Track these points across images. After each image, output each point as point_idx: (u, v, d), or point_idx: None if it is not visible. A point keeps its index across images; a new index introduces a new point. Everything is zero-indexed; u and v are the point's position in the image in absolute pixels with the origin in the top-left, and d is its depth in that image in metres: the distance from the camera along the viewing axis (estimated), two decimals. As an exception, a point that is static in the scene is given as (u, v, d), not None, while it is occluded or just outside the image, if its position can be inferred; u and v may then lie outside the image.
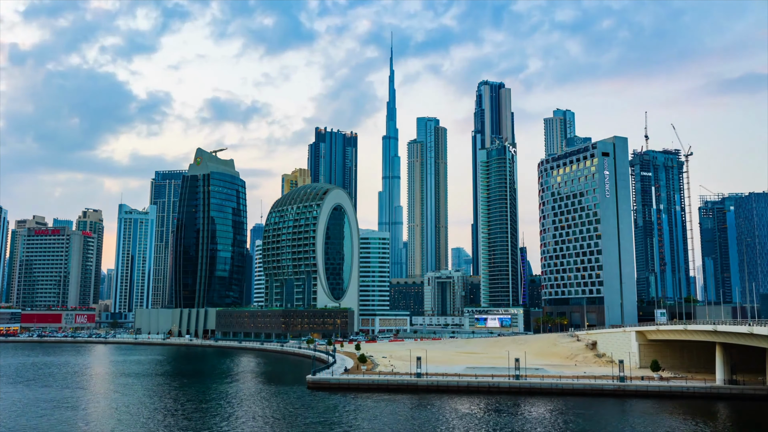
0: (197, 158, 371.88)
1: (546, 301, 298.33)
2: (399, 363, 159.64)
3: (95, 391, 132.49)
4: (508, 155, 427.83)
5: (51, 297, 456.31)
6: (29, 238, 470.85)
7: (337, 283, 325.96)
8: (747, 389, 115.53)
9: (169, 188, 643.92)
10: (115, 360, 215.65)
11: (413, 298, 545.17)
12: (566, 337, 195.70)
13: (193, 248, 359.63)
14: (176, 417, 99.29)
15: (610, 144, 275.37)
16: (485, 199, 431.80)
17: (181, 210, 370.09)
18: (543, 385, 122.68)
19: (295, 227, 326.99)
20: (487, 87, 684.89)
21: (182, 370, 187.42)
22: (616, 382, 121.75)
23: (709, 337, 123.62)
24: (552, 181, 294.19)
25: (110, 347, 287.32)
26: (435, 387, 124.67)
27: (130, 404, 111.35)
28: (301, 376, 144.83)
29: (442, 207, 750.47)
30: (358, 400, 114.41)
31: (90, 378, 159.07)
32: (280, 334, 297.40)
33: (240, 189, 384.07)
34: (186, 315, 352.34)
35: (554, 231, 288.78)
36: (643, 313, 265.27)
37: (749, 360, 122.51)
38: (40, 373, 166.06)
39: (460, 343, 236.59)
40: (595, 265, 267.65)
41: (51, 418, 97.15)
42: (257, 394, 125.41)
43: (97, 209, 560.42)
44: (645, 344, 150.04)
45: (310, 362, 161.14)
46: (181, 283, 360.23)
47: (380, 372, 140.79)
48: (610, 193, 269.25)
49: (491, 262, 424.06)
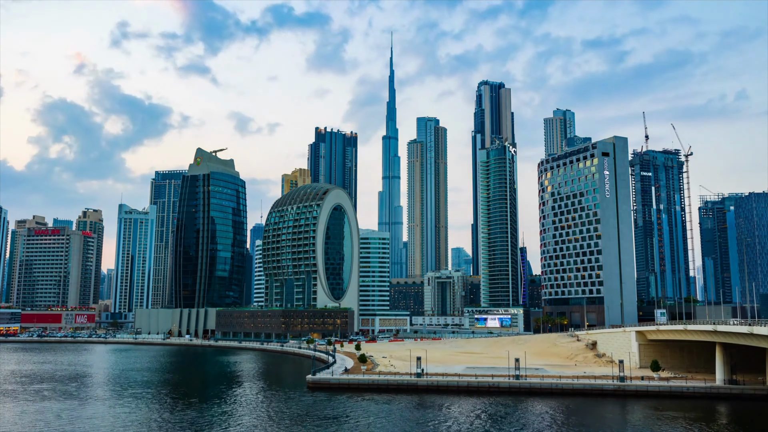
0: (197, 158, 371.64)
1: (546, 301, 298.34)
2: (399, 363, 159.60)
3: (94, 392, 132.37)
4: (508, 155, 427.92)
5: (51, 297, 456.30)
6: (29, 238, 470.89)
7: (337, 283, 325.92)
8: (747, 389, 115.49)
9: (169, 188, 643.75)
10: (115, 360, 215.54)
11: (413, 298, 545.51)
12: (566, 337, 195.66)
13: (193, 248, 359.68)
14: (176, 417, 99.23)
15: (610, 144, 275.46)
16: (485, 199, 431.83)
17: (181, 210, 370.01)
18: (543, 385, 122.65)
19: (295, 227, 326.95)
20: (487, 87, 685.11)
21: (182, 370, 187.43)
22: (616, 382, 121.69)
23: (709, 337, 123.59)
24: (552, 181, 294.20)
25: (110, 347, 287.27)
26: (435, 387, 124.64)
27: (129, 403, 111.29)
28: (301, 376, 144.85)
29: (442, 207, 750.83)
30: (358, 400, 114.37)
31: (89, 379, 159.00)
32: (280, 334, 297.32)
33: (240, 189, 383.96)
34: (186, 315, 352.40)
35: (554, 231, 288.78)
36: (643, 313, 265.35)
37: (749, 360, 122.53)
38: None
39: (460, 343, 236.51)
40: (595, 265, 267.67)
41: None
42: (257, 394, 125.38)
43: (97, 209, 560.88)
44: (645, 344, 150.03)
45: (310, 362, 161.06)
46: (181, 283, 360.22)
47: (380, 372, 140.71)
48: (610, 193, 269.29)
49: (491, 262, 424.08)
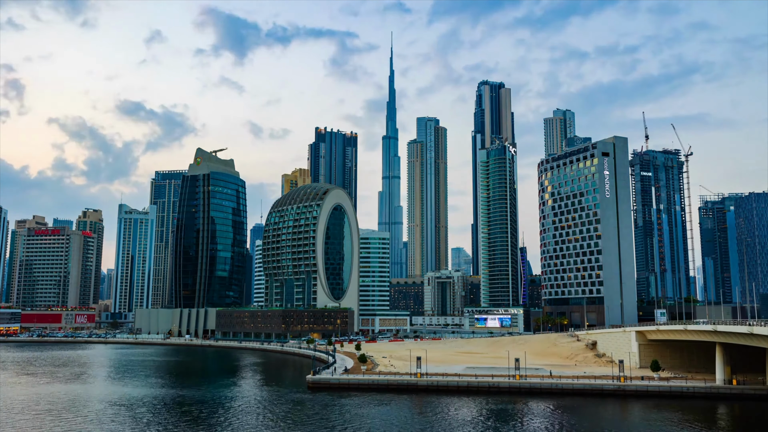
0: (197, 158, 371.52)
1: (546, 301, 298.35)
2: (399, 363, 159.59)
3: (93, 393, 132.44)
4: (508, 155, 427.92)
5: (51, 297, 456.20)
6: (29, 238, 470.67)
7: (337, 283, 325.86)
8: (747, 389, 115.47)
9: (169, 188, 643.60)
10: (115, 360, 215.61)
11: (413, 298, 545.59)
12: (566, 337, 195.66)
13: (193, 248, 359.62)
14: (176, 417, 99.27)
15: (610, 144, 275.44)
16: (485, 199, 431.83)
17: (181, 210, 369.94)
18: (543, 385, 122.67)
19: (295, 227, 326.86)
20: (487, 87, 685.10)
21: (181, 370, 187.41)
22: (616, 382, 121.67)
23: (709, 337, 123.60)
24: (552, 181, 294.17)
25: (110, 347, 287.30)
26: (435, 387, 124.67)
27: (129, 403, 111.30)
28: (301, 376, 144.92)
29: (442, 207, 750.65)
30: (358, 400, 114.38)
31: (88, 378, 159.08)
32: (280, 334, 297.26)
33: (240, 189, 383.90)
34: (186, 315, 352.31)
35: (554, 231, 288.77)
36: (643, 313, 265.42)
37: (749, 360, 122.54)
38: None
39: (460, 343, 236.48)
40: (595, 265, 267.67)
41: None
42: (257, 394, 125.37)
43: (97, 209, 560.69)
44: (645, 344, 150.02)
45: (310, 362, 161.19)
46: (181, 283, 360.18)
47: (380, 372, 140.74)
48: (610, 193, 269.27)
49: (491, 262, 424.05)
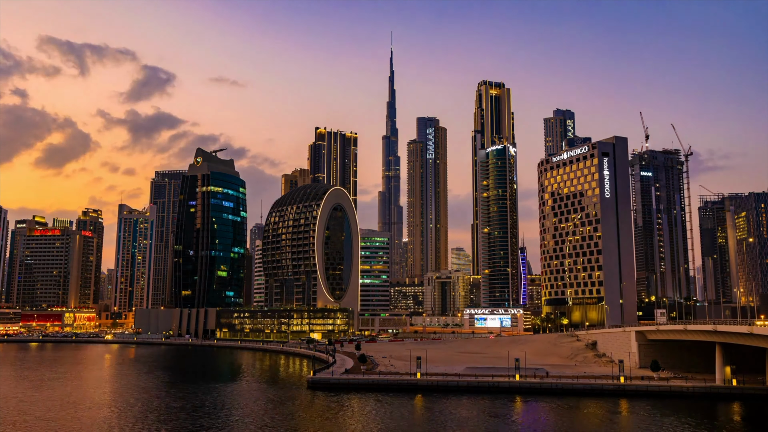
0: (197, 158, 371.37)
1: (546, 301, 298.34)
2: (399, 363, 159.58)
3: (93, 393, 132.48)
4: (508, 155, 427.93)
5: (51, 297, 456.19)
6: (29, 238, 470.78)
7: (337, 283, 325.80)
8: (747, 389, 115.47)
9: (169, 188, 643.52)
10: (114, 360, 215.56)
11: (413, 298, 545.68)
12: (566, 337, 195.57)
13: (193, 248, 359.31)
14: (176, 417, 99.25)
15: (610, 144, 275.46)
16: (485, 199, 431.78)
17: (181, 210, 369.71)
18: (543, 385, 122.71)
19: (295, 227, 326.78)
20: (488, 87, 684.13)
21: (182, 370, 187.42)
22: (616, 382, 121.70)
23: (709, 337, 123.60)
24: (552, 181, 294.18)
25: (109, 347, 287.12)
26: (435, 387, 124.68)
27: (129, 404, 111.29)
28: (301, 376, 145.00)
29: (442, 207, 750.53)
30: (358, 400, 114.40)
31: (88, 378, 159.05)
32: (280, 334, 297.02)
33: (240, 189, 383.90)
34: (186, 315, 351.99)
35: (554, 231, 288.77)
36: (643, 313, 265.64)
37: (749, 360, 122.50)
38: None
39: (460, 343, 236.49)
40: (595, 265, 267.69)
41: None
42: (257, 394, 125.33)
43: (97, 209, 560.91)
44: (645, 344, 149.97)
45: (310, 362, 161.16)
46: (181, 283, 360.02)
47: (380, 372, 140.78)
48: (610, 193, 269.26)
49: (491, 262, 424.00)
